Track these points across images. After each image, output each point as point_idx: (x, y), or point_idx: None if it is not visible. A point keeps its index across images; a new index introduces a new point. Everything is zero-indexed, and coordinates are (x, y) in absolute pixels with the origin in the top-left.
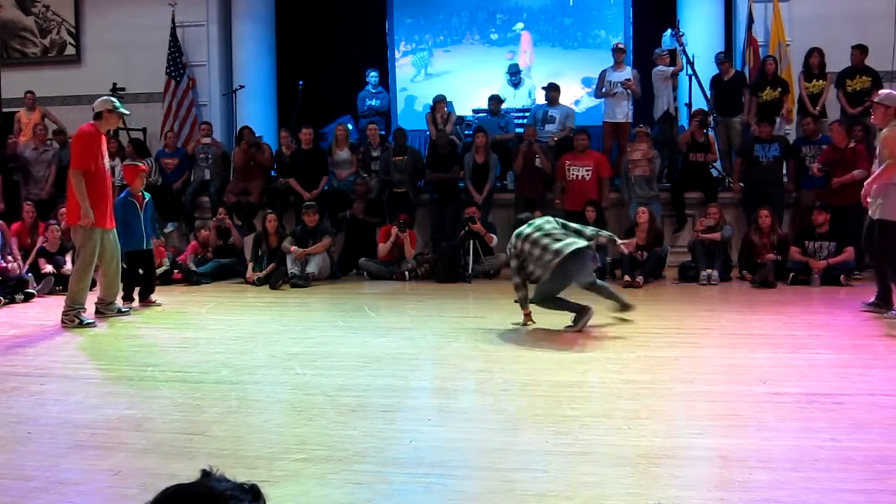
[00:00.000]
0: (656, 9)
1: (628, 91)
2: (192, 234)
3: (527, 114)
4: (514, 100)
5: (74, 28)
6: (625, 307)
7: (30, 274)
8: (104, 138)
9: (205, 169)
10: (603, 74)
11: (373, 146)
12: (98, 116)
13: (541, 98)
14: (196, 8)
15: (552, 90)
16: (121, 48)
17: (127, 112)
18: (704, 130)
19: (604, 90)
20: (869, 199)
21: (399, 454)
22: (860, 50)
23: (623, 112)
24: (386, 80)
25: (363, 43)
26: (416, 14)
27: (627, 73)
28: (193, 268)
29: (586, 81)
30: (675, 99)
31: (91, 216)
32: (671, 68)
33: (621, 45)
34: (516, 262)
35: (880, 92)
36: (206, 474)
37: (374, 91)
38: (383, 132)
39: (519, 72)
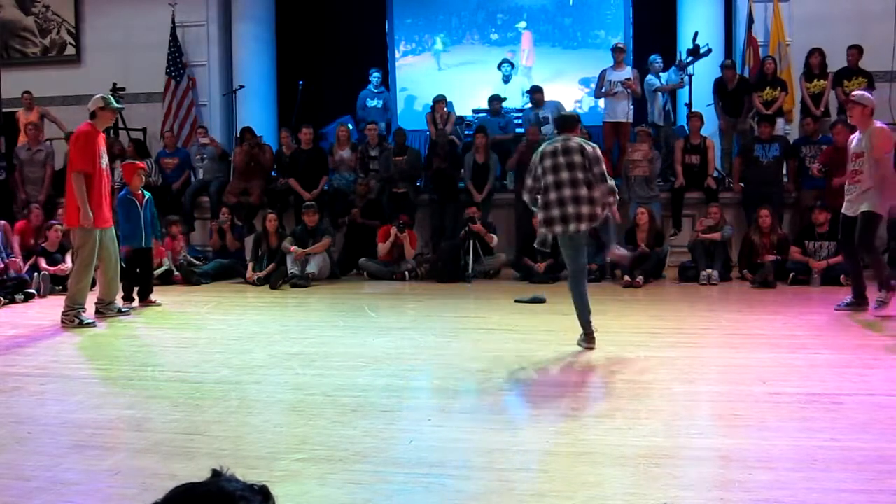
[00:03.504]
0: (656, 9)
1: (628, 90)
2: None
3: (521, 114)
4: (506, 93)
5: (74, 28)
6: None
7: (33, 274)
8: (102, 137)
9: (199, 169)
10: (603, 74)
11: (371, 146)
12: (93, 116)
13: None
14: (196, 8)
15: (535, 93)
16: (121, 48)
17: (120, 105)
18: (700, 128)
19: (604, 90)
20: (850, 197)
21: (399, 454)
22: (857, 50)
23: (623, 111)
24: (387, 81)
25: (363, 43)
26: (416, 14)
27: (628, 72)
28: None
29: (584, 82)
30: (665, 105)
31: (91, 218)
32: (658, 82)
33: (621, 45)
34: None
35: (855, 92)
36: (216, 474)
37: (375, 91)
38: (384, 132)
39: (512, 65)
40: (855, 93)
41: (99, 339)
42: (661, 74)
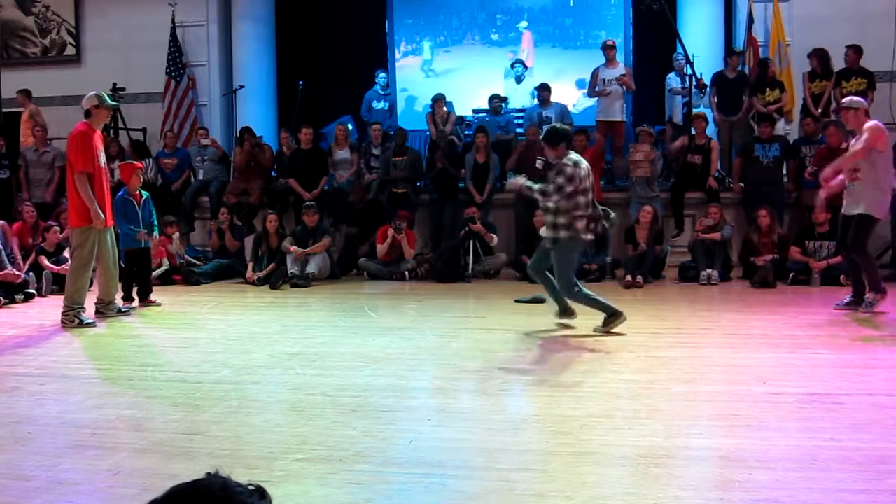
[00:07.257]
0: (656, 9)
1: (623, 87)
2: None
3: (523, 113)
4: (516, 96)
5: (74, 28)
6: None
7: (31, 274)
8: (99, 135)
9: (199, 170)
10: (596, 73)
11: (374, 145)
12: (87, 114)
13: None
14: (196, 8)
15: (543, 90)
16: (121, 48)
17: (115, 103)
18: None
19: (597, 89)
20: (848, 198)
21: (399, 454)
22: (854, 50)
23: (618, 110)
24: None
25: (363, 43)
26: (417, 14)
27: (621, 69)
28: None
29: (580, 84)
30: (684, 107)
31: (102, 218)
32: (678, 82)
33: (610, 42)
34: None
35: (845, 99)
36: (211, 477)
37: (382, 93)
38: (392, 132)
39: (525, 66)
40: (844, 100)
41: (99, 340)
42: (685, 71)
